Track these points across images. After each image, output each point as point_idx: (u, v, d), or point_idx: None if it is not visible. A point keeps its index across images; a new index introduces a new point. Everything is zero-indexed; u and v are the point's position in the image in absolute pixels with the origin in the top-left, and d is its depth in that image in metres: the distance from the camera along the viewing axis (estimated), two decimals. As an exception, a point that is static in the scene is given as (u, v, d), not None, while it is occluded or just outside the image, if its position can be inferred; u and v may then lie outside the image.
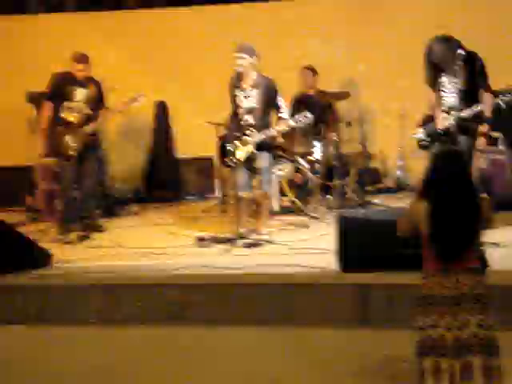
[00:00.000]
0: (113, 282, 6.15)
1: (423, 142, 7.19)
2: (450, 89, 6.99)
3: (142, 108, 10.06)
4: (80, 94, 7.86)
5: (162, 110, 10.55)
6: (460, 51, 6.84)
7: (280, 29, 10.24)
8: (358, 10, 10.11)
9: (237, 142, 7.23)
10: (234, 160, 7.23)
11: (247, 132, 7.24)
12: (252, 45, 7.29)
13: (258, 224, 7.42)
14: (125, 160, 10.32)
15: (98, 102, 7.92)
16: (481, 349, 3.84)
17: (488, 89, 6.91)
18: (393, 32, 9.99)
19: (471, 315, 3.88)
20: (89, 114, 7.85)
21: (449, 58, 6.87)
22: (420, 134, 7.22)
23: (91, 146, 7.99)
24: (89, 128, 7.80)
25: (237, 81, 7.20)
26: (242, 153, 7.23)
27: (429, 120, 7.20)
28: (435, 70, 7.01)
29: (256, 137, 7.22)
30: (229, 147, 7.24)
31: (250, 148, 7.24)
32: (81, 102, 7.85)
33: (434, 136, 7.05)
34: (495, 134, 8.28)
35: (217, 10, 10.43)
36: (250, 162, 7.28)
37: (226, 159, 7.31)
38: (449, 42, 6.89)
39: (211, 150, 9.46)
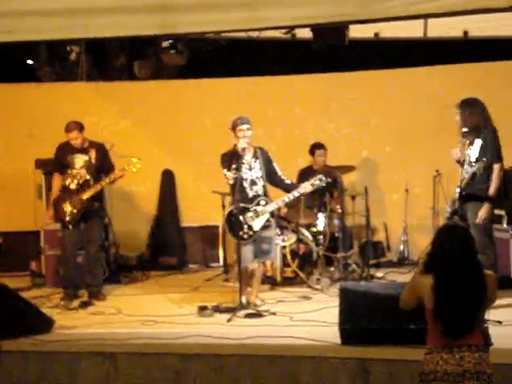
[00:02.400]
0: (114, 350, 6.13)
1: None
2: None
3: (149, 175, 10.25)
4: (80, 160, 8.03)
5: (168, 178, 10.66)
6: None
7: (284, 103, 10.41)
8: (362, 87, 10.29)
9: (251, 214, 7.30)
10: (251, 233, 7.28)
11: (261, 202, 7.33)
12: (247, 117, 7.40)
13: (253, 295, 7.44)
14: (130, 227, 10.39)
15: (101, 166, 8.04)
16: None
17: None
18: (398, 106, 10.15)
19: (474, 392, 3.87)
20: (89, 181, 7.97)
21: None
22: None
23: (94, 212, 8.08)
24: (86, 194, 7.92)
25: (239, 153, 7.26)
26: (259, 223, 7.29)
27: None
28: None
29: (271, 206, 7.33)
30: (243, 220, 7.27)
31: (266, 217, 7.32)
32: (81, 169, 8.01)
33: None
34: (499, 212, 8.31)
35: (221, 82, 10.61)
36: (261, 231, 7.34)
37: (241, 232, 7.25)
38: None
39: (216, 219, 9.54)
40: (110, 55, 11.51)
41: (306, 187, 7.46)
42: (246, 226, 7.25)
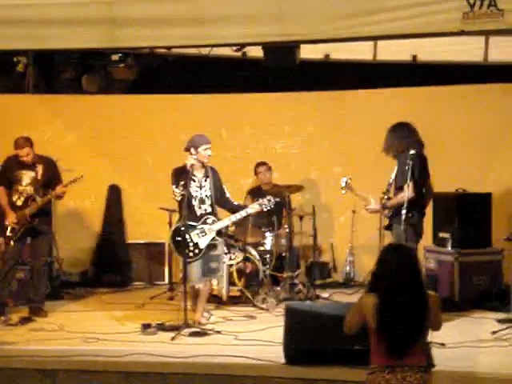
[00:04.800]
0: (54, 367, 6.02)
1: None
2: None
3: (95, 190, 10.13)
4: (27, 177, 7.95)
5: (114, 194, 10.54)
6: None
7: (235, 120, 10.41)
8: (312, 108, 10.34)
9: (197, 232, 7.25)
10: (196, 251, 7.23)
11: (208, 221, 7.30)
12: (203, 135, 7.40)
13: (198, 313, 7.39)
14: (74, 243, 10.24)
15: (48, 181, 7.92)
16: None
17: None
18: (347, 127, 10.22)
19: (415, 414, 3.87)
20: (33, 196, 7.87)
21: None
22: None
23: (41, 228, 7.98)
24: (29, 210, 7.82)
25: (189, 171, 7.22)
26: (205, 241, 7.26)
27: None
28: None
29: (217, 224, 7.31)
30: (189, 237, 7.22)
31: (213, 236, 7.29)
32: (28, 186, 7.92)
33: None
34: (444, 235, 8.40)
35: (170, 98, 10.58)
36: (207, 250, 7.31)
37: (186, 250, 7.22)
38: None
39: (163, 236, 9.46)
40: (58, 68, 11.36)
41: (254, 207, 7.54)
42: (191, 244, 7.22)
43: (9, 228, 7.84)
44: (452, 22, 5.57)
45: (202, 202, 7.36)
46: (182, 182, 7.15)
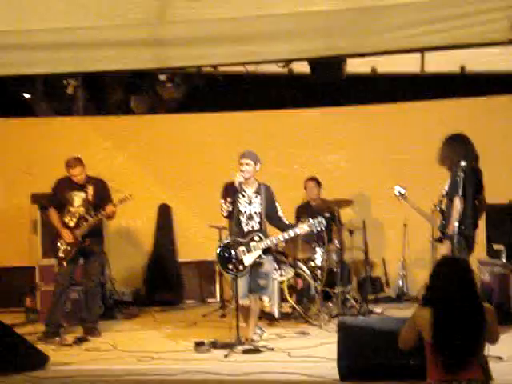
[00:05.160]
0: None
1: None
2: None
3: (146, 210, 10.21)
4: (78, 198, 8.04)
5: (165, 213, 10.61)
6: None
7: (285, 138, 10.40)
8: (360, 121, 10.30)
9: (242, 248, 7.26)
10: (240, 267, 7.24)
11: (255, 238, 7.30)
12: (254, 152, 7.42)
13: (249, 330, 7.36)
14: (126, 262, 10.32)
15: (99, 202, 8.00)
16: None
17: None
18: (396, 141, 10.16)
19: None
20: (85, 217, 7.95)
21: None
22: None
23: (94, 248, 8.07)
24: (80, 231, 7.90)
25: (239, 187, 7.25)
26: (250, 259, 7.26)
27: None
28: None
29: (264, 243, 7.30)
30: (234, 254, 7.23)
31: (258, 253, 7.28)
32: (80, 207, 8.00)
33: None
34: (497, 247, 8.28)
35: (219, 117, 10.63)
36: (255, 267, 7.30)
37: (230, 266, 7.23)
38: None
39: (213, 254, 9.47)
40: (107, 89, 11.52)
41: (303, 227, 7.46)
42: (235, 261, 7.21)
43: (61, 249, 7.93)
44: (500, 31, 5.50)
45: (250, 218, 7.37)
46: (229, 199, 7.18)
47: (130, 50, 6.11)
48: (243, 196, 7.32)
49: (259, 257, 7.32)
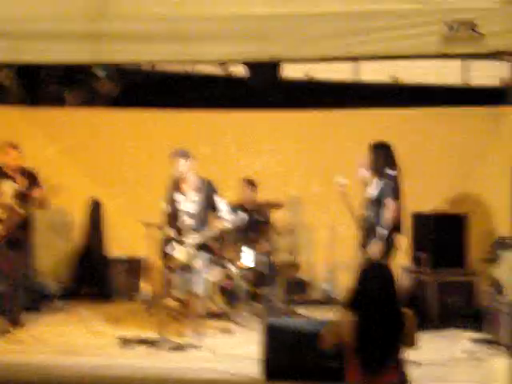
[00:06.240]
0: (31, 380, 5.99)
1: None
2: None
3: (76, 204, 10.11)
4: (10, 189, 7.92)
5: (95, 208, 10.53)
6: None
7: (217, 136, 10.44)
8: (292, 126, 10.40)
9: (175, 244, 7.31)
10: (175, 263, 7.28)
11: (189, 235, 7.37)
12: (187, 149, 7.48)
13: (183, 326, 7.40)
14: (54, 255, 10.21)
15: (29, 193, 7.91)
16: None
17: None
18: (326, 146, 10.29)
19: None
20: (14, 208, 7.84)
21: None
22: None
23: (21, 240, 7.96)
24: (8, 221, 7.79)
25: (176, 184, 7.31)
26: (181, 254, 7.31)
27: None
28: None
29: (196, 238, 7.37)
30: (169, 250, 7.28)
31: (192, 249, 7.34)
32: (10, 198, 7.88)
33: None
34: (421, 255, 8.46)
35: (155, 114, 10.61)
36: (187, 264, 7.36)
37: (167, 262, 7.28)
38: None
39: (143, 250, 9.46)
40: (42, 80, 11.37)
41: (224, 225, 7.64)
42: (171, 257, 7.26)
43: None
44: (434, 44, 5.66)
45: (188, 215, 7.45)
46: (168, 196, 7.26)
47: (67, 42, 6.08)
48: (181, 194, 7.39)
49: (193, 253, 7.35)
